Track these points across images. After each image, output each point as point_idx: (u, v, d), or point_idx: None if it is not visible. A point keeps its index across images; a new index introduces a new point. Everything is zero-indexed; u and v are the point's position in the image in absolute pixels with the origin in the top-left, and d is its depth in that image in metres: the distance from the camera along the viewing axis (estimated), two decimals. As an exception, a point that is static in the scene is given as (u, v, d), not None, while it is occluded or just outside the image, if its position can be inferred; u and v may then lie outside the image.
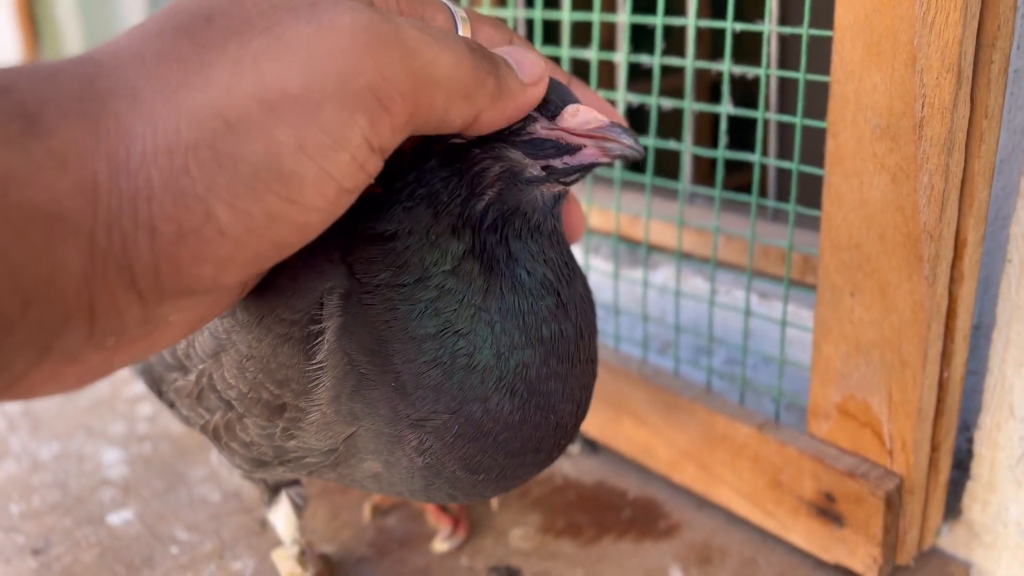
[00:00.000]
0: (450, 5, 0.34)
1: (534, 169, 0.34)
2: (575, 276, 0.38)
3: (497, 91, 0.31)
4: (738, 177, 0.62)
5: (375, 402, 0.35)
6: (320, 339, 0.35)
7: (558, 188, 0.36)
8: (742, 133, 0.56)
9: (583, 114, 0.34)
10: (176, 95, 0.24)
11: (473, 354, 0.35)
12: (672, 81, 0.58)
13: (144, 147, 0.24)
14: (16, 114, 0.23)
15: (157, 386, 0.45)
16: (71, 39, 1.41)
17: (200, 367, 0.40)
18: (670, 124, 0.59)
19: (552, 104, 0.34)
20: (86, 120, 0.24)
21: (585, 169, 0.35)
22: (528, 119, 0.34)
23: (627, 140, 0.33)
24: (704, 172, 0.86)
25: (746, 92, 0.56)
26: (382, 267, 0.35)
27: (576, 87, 0.38)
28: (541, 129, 0.34)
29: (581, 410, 0.39)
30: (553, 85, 0.35)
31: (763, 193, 0.55)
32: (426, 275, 0.35)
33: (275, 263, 0.28)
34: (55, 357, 0.25)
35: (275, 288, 0.35)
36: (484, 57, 0.31)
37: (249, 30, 0.25)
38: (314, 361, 0.35)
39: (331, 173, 0.26)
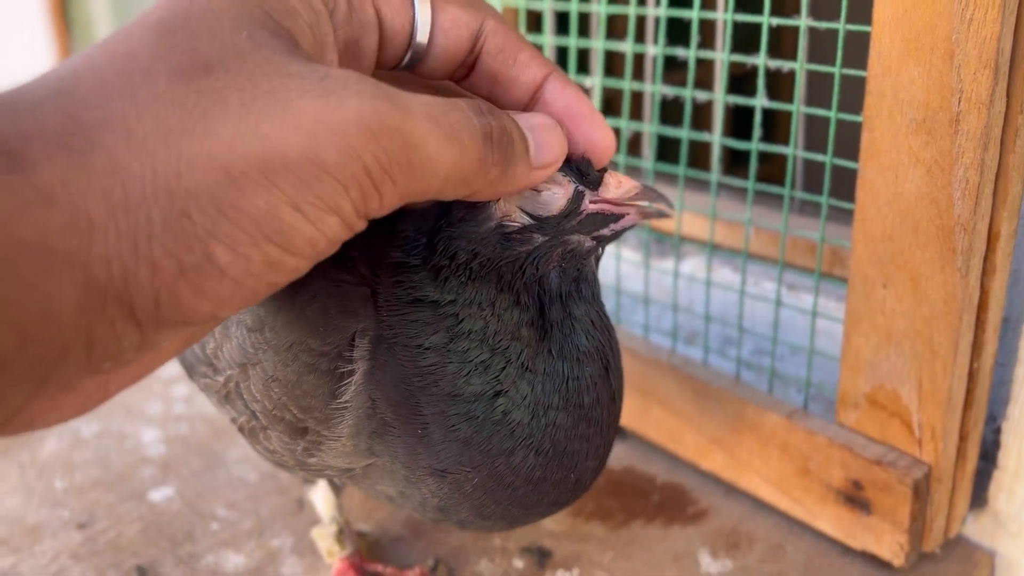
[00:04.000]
0: None
1: (588, 242, 0.37)
2: (614, 338, 0.39)
3: (499, 179, 0.30)
4: (759, 169, 0.63)
5: (394, 447, 0.36)
6: (348, 380, 0.36)
7: (600, 250, 0.38)
8: (748, 125, 0.57)
9: (624, 184, 0.36)
10: (175, 139, 0.24)
11: (510, 411, 0.36)
12: (678, 74, 0.58)
13: (143, 187, 0.23)
14: None
15: (189, 372, 0.46)
16: (104, 33, 1.43)
17: (228, 373, 0.41)
18: (692, 116, 0.60)
19: (591, 175, 0.36)
20: (72, 155, 0.23)
21: (625, 231, 0.37)
22: (578, 196, 0.35)
23: (662, 204, 0.36)
24: (705, 161, 0.86)
25: (752, 84, 0.57)
26: (436, 329, 0.36)
27: (556, 79, 0.35)
28: (590, 204, 0.36)
29: (601, 465, 0.40)
30: (573, 153, 0.35)
31: (774, 183, 0.56)
32: (483, 339, 0.36)
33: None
34: (53, 387, 0.24)
35: (306, 318, 0.36)
36: (496, 147, 0.30)
37: (253, 88, 0.25)
38: (340, 400, 0.36)
39: (323, 231, 0.26)
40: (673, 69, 0.60)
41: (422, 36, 0.32)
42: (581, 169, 0.35)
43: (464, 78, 0.35)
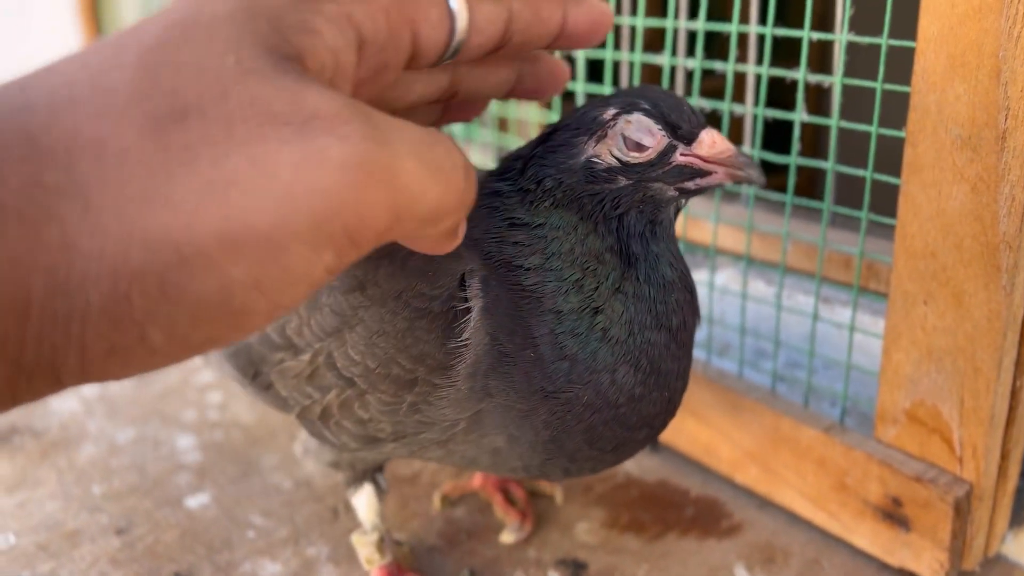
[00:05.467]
0: None
1: (671, 191, 0.38)
2: (689, 272, 0.42)
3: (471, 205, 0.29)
4: (773, 180, 0.63)
5: (511, 377, 0.38)
6: (466, 318, 0.37)
7: (682, 201, 0.40)
8: (776, 136, 0.57)
9: (719, 144, 0.37)
10: (132, 211, 0.22)
11: (608, 328, 0.39)
12: (713, 83, 0.59)
13: (88, 267, 0.21)
14: None
15: (255, 367, 0.46)
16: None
17: (317, 346, 0.41)
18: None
19: (686, 133, 0.38)
20: (26, 227, 0.21)
21: (711, 188, 0.39)
22: (669, 148, 0.38)
23: (754, 171, 0.37)
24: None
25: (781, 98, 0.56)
26: (533, 251, 0.39)
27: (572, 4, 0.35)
28: (680, 156, 0.38)
29: (684, 387, 0.43)
30: (676, 107, 0.38)
31: (801, 196, 0.56)
32: (573, 260, 0.38)
33: None
34: None
35: (411, 266, 0.38)
36: (472, 180, 0.28)
37: (227, 140, 0.22)
38: (460, 339, 0.37)
39: (283, 304, 0.24)
40: (705, 81, 0.60)
41: (458, 42, 0.32)
42: (675, 123, 0.38)
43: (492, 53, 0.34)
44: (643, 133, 0.37)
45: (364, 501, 0.50)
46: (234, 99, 0.23)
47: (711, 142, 0.38)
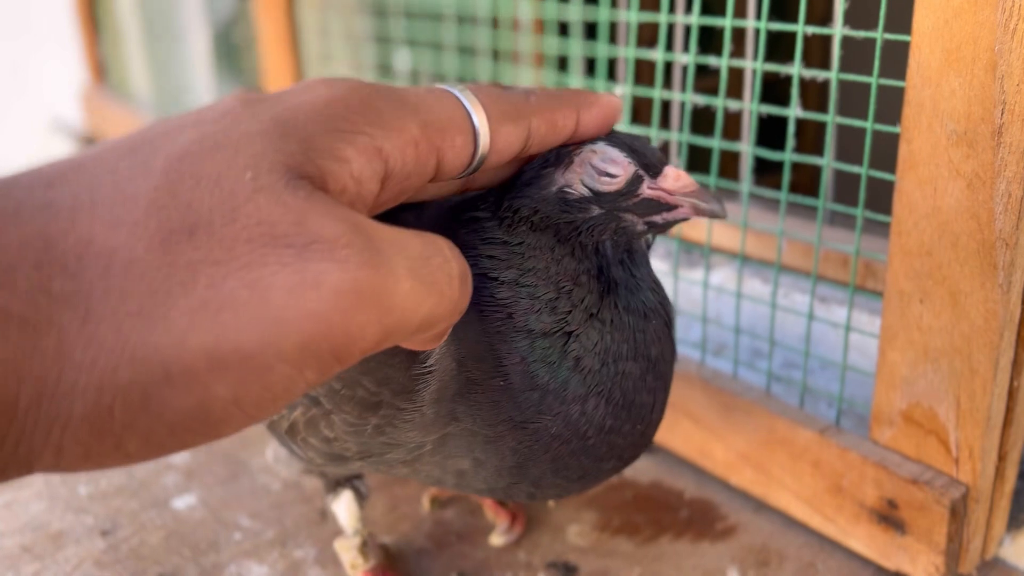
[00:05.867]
0: (472, 115, 0.32)
1: (641, 225, 0.38)
2: (668, 300, 0.42)
3: (462, 311, 0.29)
4: (769, 178, 0.63)
5: (479, 405, 0.37)
6: None
7: (651, 237, 0.40)
8: (773, 133, 0.57)
9: (683, 179, 0.37)
10: (128, 326, 0.22)
11: (581, 357, 0.38)
12: (708, 82, 0.58)
13: (76, 378, 0.22)
14: None
15: None
16: (131, 37, 1.44)
17: None
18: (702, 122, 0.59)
19: (651, 164, 0.37)
20: (26, 333, 0.22)
21: (677, 223, 0.38)
22: (636, 178, 0.37)
23: (715, 205, 0.37)
24: (731, 171, 0.85)
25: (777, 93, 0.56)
26: (509, 265, 0.38)
27: (585, 115, 0.37)
28: (647, 189, 0.37)
29: (660, 420, 0.41)
30: (636, 139, 0.38)
31: (796, 193, 0.55)
32: (548, 278, 0.38)
33: None
34: None
35: None
36: (467, 287, 0.29)
37: (228, 261, 0.23)
38: (424, 365, 0.36)
39: (259, 417, 0.24)
40: (701, 78, 0.59)
41: (479, 161, 0.33)
42: (641, 153, 0.37)
43: None
44: (609, 163, 0.37)
45: (344, 507, 0.49)
46: (242, 218, 0.24)
47: (675, 176, 0.37)
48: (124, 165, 0.25)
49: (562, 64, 0.68)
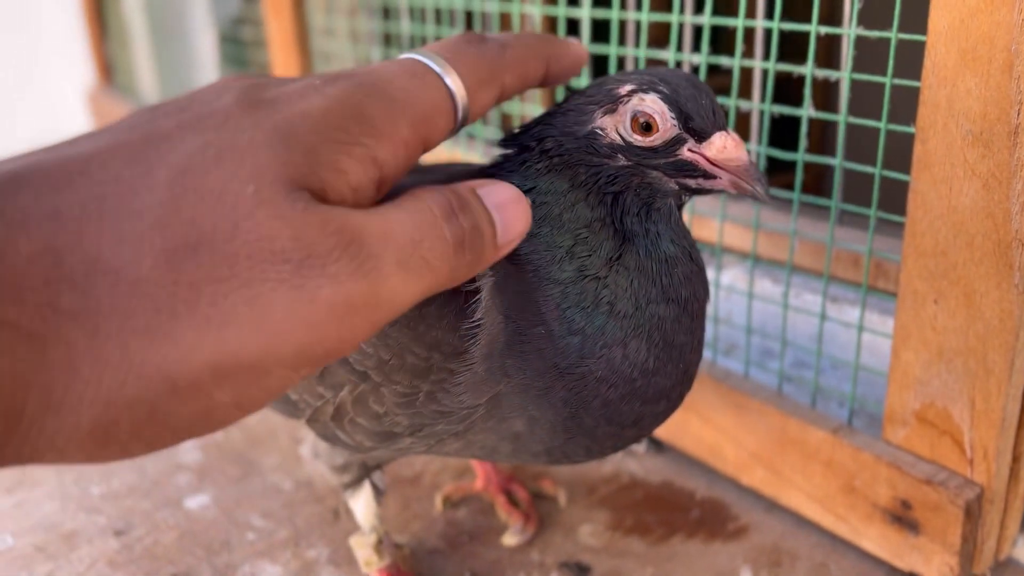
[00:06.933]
0: (454, 93, 0.32)
1: (671, 184, 0.37)
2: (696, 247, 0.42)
3: (466, 274, 0.30)
4: (781, 178, 0.63)
5: (527, 355, 0.37)
6: (476, 297, 0.36)
7: (683, 197, 0.39)
8: (784, 133, 0.57)
9: (730, 150, 0.36)
10: (135, 343, 0.23)
11: (614, 302, 0.38)
12: (719, 81, 0.58)
13: (84, 392, 0.23)
14: None
15: None
16: (138, 38, 1.44)
17: None
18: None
19: (699, 128, 0.36)
20: (34, 346, 0.22)
21: (714, 192, 0.37)
22: (676, 140, 0.36)
23: (760, 187, 0.36)
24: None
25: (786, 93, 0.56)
26: None
27: (553, 59, 0.37)
28: (687, 151, 0.37)
29: (699, 359, 0.42)
30: (695, 99, 0.36)
31: (811, 193, 0.55)
32: (562, 226, 0.38)
33: None
34: None
35: None
36: (468, 249, 0.30)
37: (230, 279, 0.24)
38: (472, 319, 0.36)
39: (253, 411, 0.26)
40: (712, 78, 0.59)
41: (456, 130, 0.33)
42: (691, 115, 0.36)
43: None
44: (653, 116, 0.36)
45: (362, 503, 0.49)
46: (243, 234, 0.24)
47: (722, 146, 0.36)
48: (128, 175, 0.25)
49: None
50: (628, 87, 0.37)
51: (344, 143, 0.28)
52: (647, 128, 0.36)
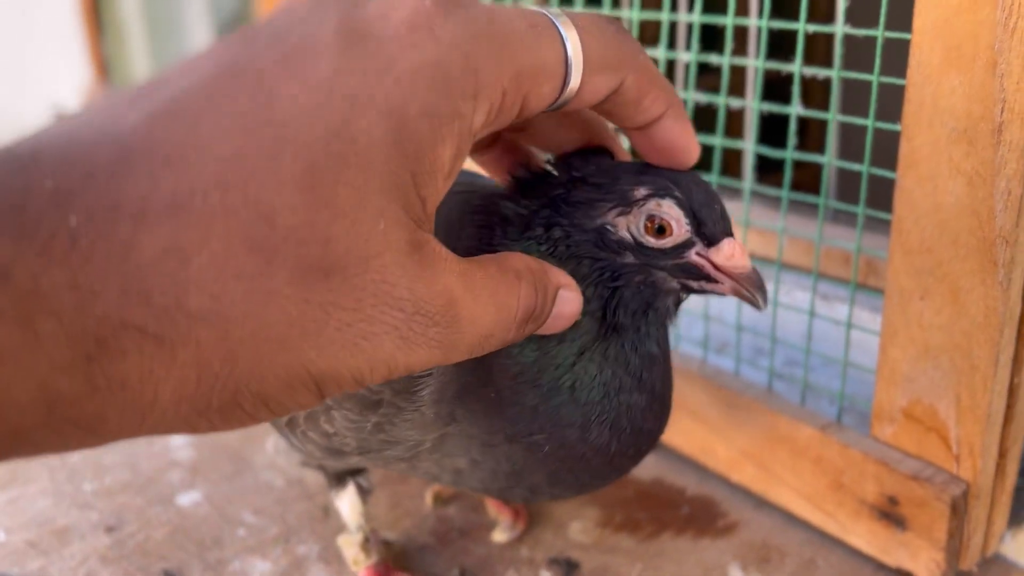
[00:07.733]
0: (571, 61, 0.30)
1: (674, 283, 0.37)
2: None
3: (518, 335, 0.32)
4: (771, 176, 0.63)
5: (475, 412, 0.37)
6: None
7: (682, 296, 0.38)
8: (775, 131, 0.57)
9: (736, 258, 0.36)
10: (264, 351, 0.25)
11: (576, 388, 0.37)
12: (710, 80, 0.58)
13: (215, 383, 0.24)
14: (88, 336, 0.22)
15: None
16: (135, 35, 1.44)
17: None
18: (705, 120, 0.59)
19: (710, 234, 0.36)
20: (163, 347, 0.23)
21: (714, 295, 0.38)
22: (686, 243, 0.36)
23: (758, 295, 0.36)
24: (733, 169, 0.85)
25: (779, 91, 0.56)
26: None
27: (671, 116, 0.35)
28: (694, 255, 0.36)
29: (660, 437, 0.42)
30: (708, 205, 0.36)
31: (797, 191, 0.55)
32: None
33: None
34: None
35: None
36: (532, 322, 0.32)
37: (356, 311, 0.26)
38: None
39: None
40: (703, 76, 0.60)
41: (560, 105, 0.32)
42: (700, 219, 0.36)
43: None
44: (669, 222, 0.36)
45: (347, 502, 0.49)
46: (372, 272, 0.26)
47: (730, 253, 0.36)
48: (251, 164, 0.24)
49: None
50: (643, 191, 0.36)
51: (444, 116, 0.27)
52: (661, 231, 0.36)
